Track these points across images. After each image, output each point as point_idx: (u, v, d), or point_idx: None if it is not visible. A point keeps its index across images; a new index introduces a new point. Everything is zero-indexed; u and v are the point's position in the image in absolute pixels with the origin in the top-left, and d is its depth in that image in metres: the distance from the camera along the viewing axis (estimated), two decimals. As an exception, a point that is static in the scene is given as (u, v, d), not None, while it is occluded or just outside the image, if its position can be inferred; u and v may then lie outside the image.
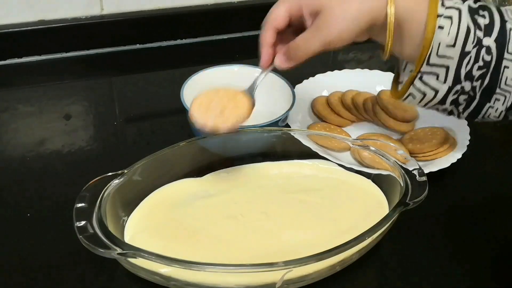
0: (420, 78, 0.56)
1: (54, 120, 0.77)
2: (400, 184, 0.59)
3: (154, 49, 0.93)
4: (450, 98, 0.56)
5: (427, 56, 0.54)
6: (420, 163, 0.61)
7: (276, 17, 0.54)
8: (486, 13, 0.54)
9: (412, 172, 0.59)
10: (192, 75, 0.74)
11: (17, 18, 0.85)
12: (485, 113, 0.57)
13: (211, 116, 0.57)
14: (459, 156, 0.68)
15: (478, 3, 0.55)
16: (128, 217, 0.58)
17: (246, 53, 0.93)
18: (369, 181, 0.64)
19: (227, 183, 0.64)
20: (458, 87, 0.55)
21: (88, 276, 0.56)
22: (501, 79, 0.54)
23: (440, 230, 0.64)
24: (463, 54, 0.53)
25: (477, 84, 0.55)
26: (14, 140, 0.73)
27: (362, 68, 0.80)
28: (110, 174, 0.57)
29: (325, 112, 0.75)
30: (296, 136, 0.66)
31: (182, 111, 0.69)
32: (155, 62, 0.91)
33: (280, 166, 0.66)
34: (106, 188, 0.56)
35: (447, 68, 0.54)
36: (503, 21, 0.54)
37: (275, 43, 0.57)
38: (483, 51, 0.53)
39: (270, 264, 0.49)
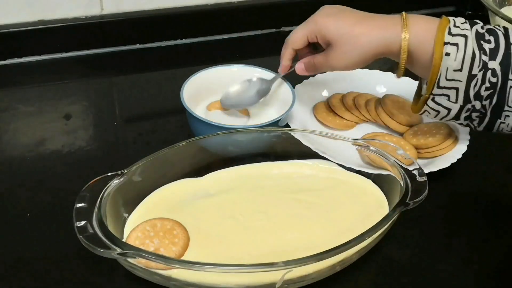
0: (433, 99, 0.61)
1: (54, 120, 0.76)
2: (400, 184, 0.59)
3: (154, 49, 0.93)
4: (463, 115, 0.61)
5: (437, 80, 0.59)
6: (420, 162, 0.61)
7: (296, 40, 0.67)
8: (492, 38, 0.59)
9: (412, 172, 0.59)
10: (192, 75, 0.74)
11: (17, 18, 0.85)
12: (498, 127, 0.62)
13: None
14: (459, 156, 0.68)
15: (486, 27, 0.60)
16: (128, 217, 0.58)
17: (246, 53, 0.94)
18: (369, 181, 0.64)
19: (227, 183, 0.64)
20: (469, 105, 0.60)
21: (88, 276, 0.56)
22: (508, 98, 0.59)
23: (440, 230, 0.64)
24: (470, 77, 0.58)
25: (486, 103, 0.59)
26: (14, 140, 0.73)
27: (362, 68, 0.80)
28: (110, 174, 0.57)
29: (326, 115, 0.75)
30: (296, 136, 0.66)
31: (182, 111, 0.69)
32: (155, 62, 0.91)
33: (280, 166, 0.66)
34: (106, 188, 0.56)
35: (457, 89, 0.59)
36: (508, 44, 0.58)
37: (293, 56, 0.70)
38: (488, 73, 0.58)
39: (270, 264, 0.50)
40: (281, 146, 0.67)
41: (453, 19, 0.60)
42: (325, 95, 0.80)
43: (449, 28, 0.59)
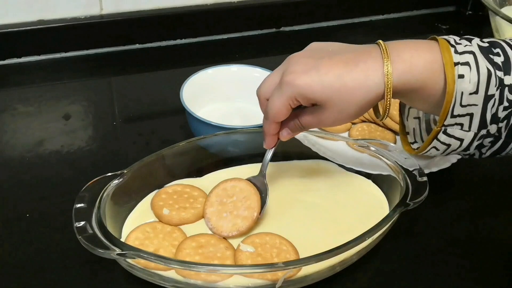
0: (444, 132, 0.53)
1: (53, 120, 0.76)
2: (400, 185, 0.59)
3: (154, 49, 0.93)
4: (475, 143, 0.54)
5: (451, 109, 0.51)
6: (420, 162, 0.61)
7: (277, 113, 0.55)
8: (499, 50, 0.51)
9: (412, 172, 0.59)
10: (192, 75, 0.74)
11: (16, 18, 0.85)
12: (510, 150, 0.55)
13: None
14: (460, 156, 0.68)
15: (487, 40, 0.52)
16: (127, 217, 0.58)
17: (246, 53, 0.94)
18: (369, 181, 0.64)
19: (227, 183, 0.64)
20: (483, 131, 0.52)
21: (88, 276, 0.56)
22: None
23: (440, 230, 0.64)
24: (487, 98, 0.50)
25: (502, 124, 0.52)
26: (14, 140, 0.73)
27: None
28: (109, 174, 0.57)
29: None
30: (296, 136, 0.66)
31: (182, 111, 0.69)
32: (155, 62, 0.91)
33: (280, 166, 0.66)
34: (105, 188, 0.56)
35: (471, 115, 0.51)
36: None
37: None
38: (506, 90, 0.50)
39: (270, 264, 0.49)
40: (281, 146, 0.67)
41: (446, 37, 0.52)
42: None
43: (453, 46, 0.51)
